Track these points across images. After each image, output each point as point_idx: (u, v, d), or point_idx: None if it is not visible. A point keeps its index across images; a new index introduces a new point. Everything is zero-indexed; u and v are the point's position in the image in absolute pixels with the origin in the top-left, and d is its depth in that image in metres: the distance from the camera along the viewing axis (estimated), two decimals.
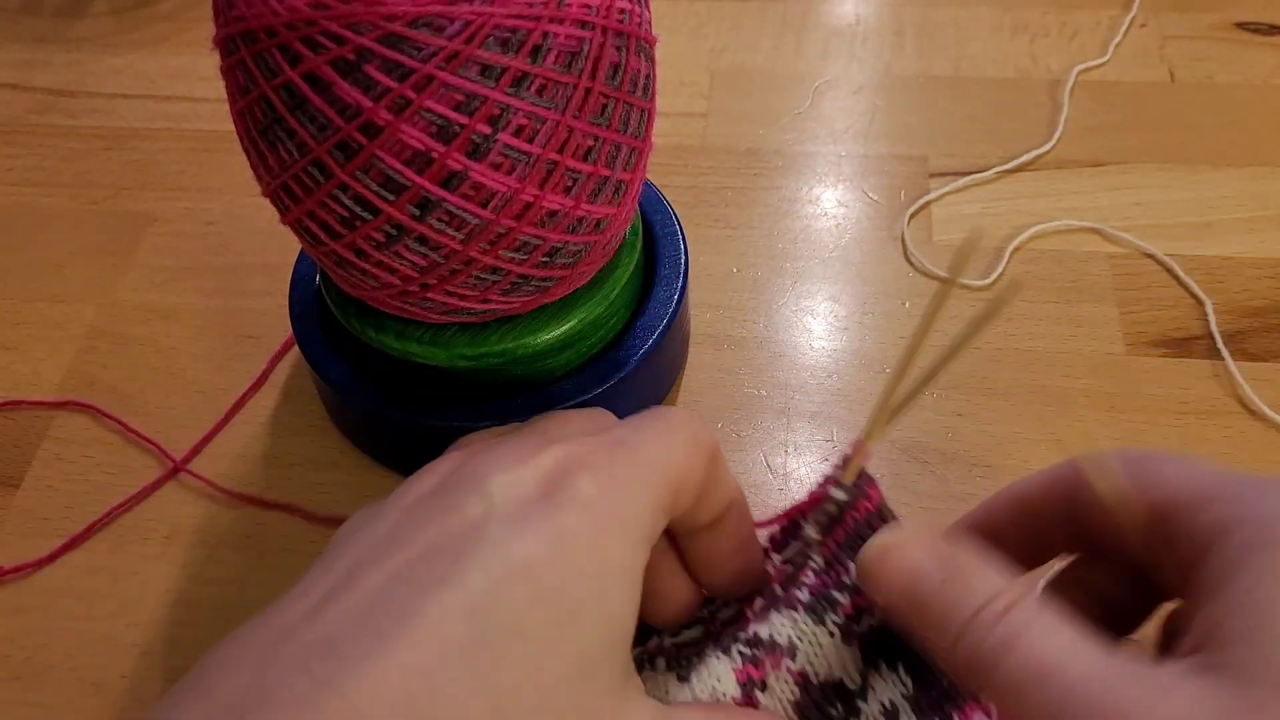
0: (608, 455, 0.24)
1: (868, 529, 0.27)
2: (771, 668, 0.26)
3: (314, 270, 0.45)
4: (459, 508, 0.23)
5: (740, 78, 0.62)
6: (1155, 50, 0.61)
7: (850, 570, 0.27)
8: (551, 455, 0.24)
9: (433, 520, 0.23)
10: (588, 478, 0.23)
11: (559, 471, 0.23)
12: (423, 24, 0.29)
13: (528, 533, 0.22)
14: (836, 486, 0.27)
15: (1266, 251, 0.51)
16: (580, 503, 0.22)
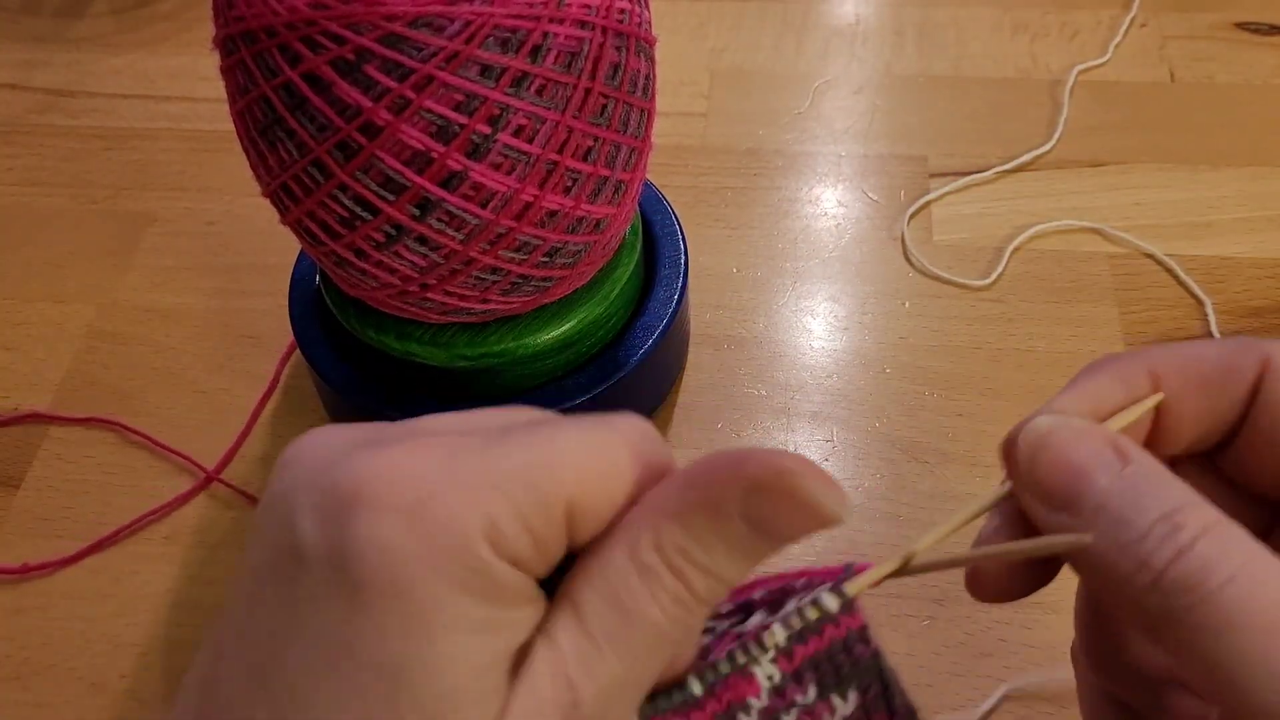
0: (438, 461, 0.18)
1: (843, 653, 0.23)
2: None
3: (314, 270, 0.45)
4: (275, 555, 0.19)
5: (740, 78, 0.62)
6: (1155, 50, 0.61)
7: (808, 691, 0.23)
8: (351, 478, 0.18)
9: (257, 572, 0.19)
10: (379, 513, 0.18)
11: (352, 502, 0.18)
12: (423, 24, 0.29)
13: (327, 610, 0.18)
14: (830, 592, 0.23)
15: (1266, 251, 0.51)
16: (378, 557, 0.17)
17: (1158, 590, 0.19)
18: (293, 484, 0.19)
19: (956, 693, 0.38)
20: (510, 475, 0.18)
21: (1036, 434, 0.21)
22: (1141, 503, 0.19)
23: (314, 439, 0.20)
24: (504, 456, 0.19)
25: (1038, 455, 0.21)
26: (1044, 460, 0.21)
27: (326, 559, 0.18)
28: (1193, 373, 0.22)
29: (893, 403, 0.46)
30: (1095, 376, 0.23)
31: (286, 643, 0.18)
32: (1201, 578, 0.18)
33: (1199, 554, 0.18)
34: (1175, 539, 0.19)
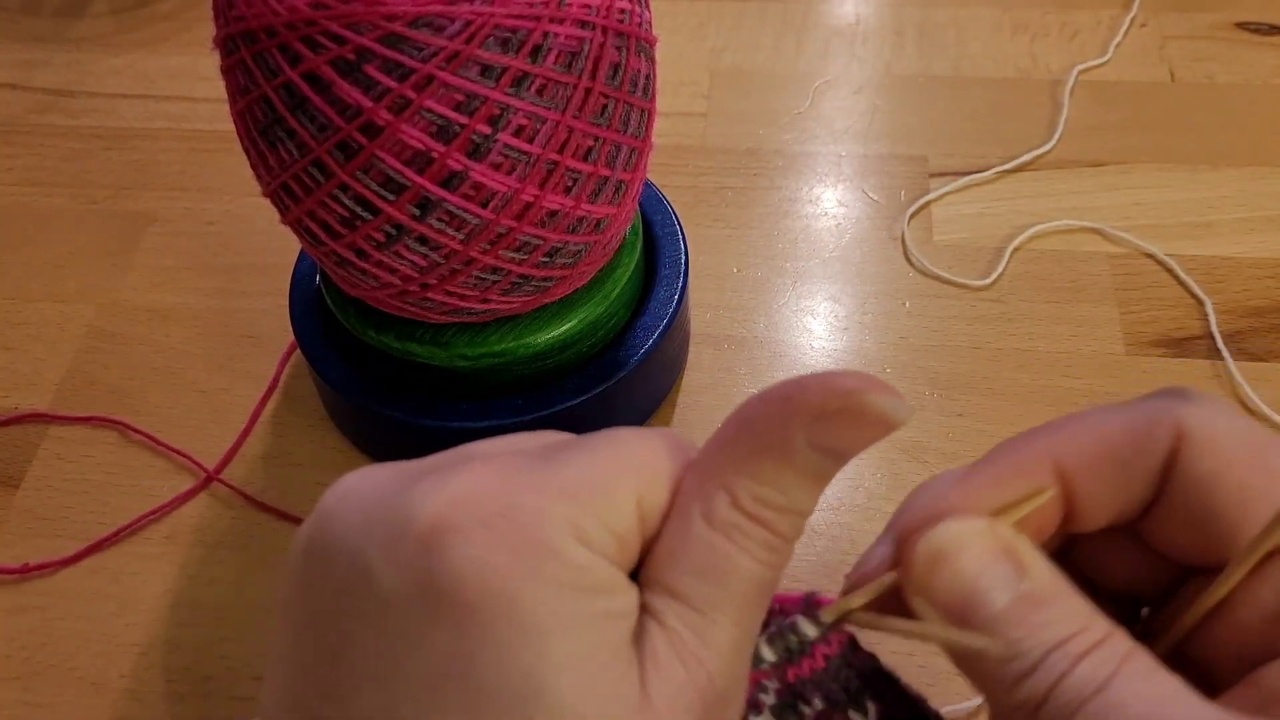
0: (503, 479, 0.19)
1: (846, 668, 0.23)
2: None
3: (314, 270, 0.45)
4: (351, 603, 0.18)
5: (740, 78, 0.62)
6: (1155, 50, 0.61)
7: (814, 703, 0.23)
8: (426, 508, 0.18)
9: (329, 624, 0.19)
10: (466, 533, 0.18)
11: (433, 531, 0.18)
12: (423, 24, 0.29)
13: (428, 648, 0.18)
14: (808, 620, 0.23)
15: (1266, 251, 0.51)
16: (478, 583, 0.17)
17: (1039, 713, 0.19)
18: (349, 529, 0.19)
19: (957, 692, 0.38)
20: (582, 483, 0.19)
21: (933, 548, 0.21)
22: (1035, 635, 0.19)
23: (357, 482, 0.20)
24: (568, 468, 0.19)
25: (932, 572, 0.20)
26: (940, 579, 0.20)
27: (417, 595, 0.17)
28: (1100, 454, 0.21)
29: None
30: (993, 468, 0.22)
31: (393, 691, 0.18)
32: (1074, 697, 0.18)
33: (1077, 674, 0.18)
34: (1059, 666, 0.19)
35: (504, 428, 0.40)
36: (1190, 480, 0.21)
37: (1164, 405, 0.21)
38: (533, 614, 0.17)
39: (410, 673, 0.18)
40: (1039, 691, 0.19)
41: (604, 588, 0.18)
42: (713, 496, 0.19)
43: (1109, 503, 0.22)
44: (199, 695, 0.40)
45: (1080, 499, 0.21)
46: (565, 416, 0.40)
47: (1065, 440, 0.21)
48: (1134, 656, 0.19)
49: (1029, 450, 0.21)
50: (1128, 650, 0.19)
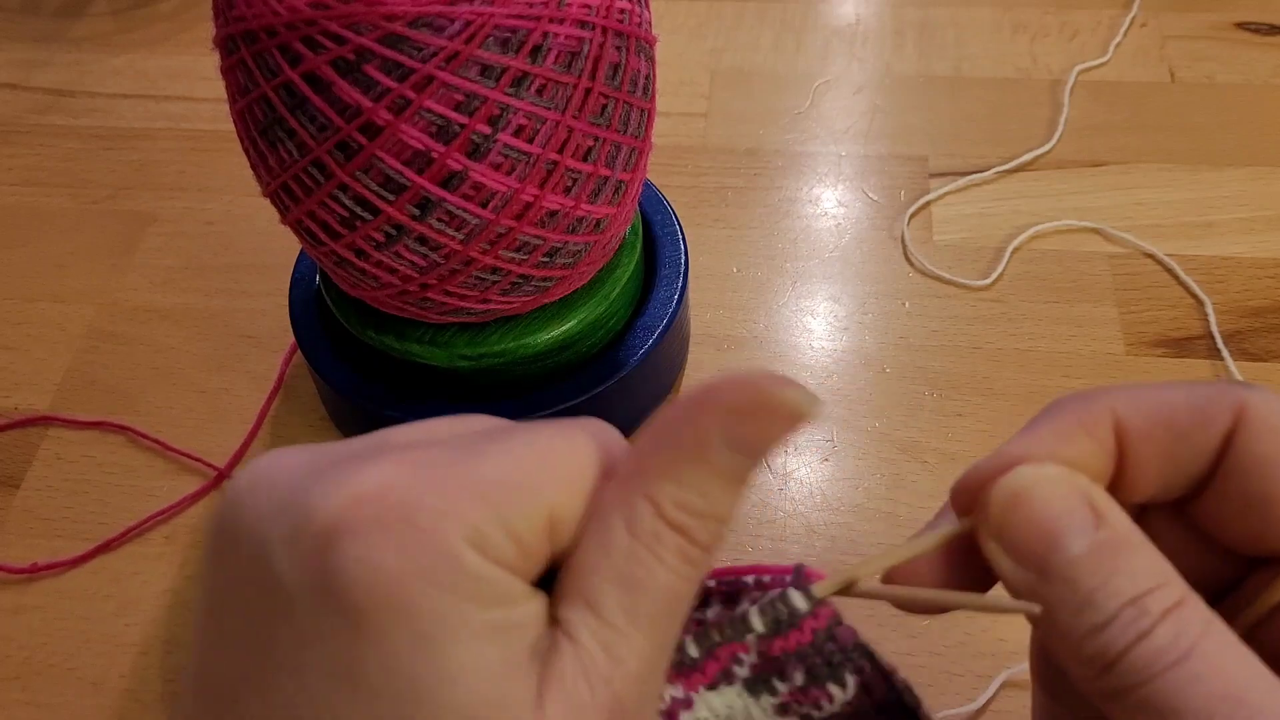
0: (411, 475, 0.18)
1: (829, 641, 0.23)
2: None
3: (314, 270, 0.45)
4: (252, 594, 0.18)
5: (740, 78, 0.62)
6: (1155, 50, 0.61)
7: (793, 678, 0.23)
8: (327, 505, 0.17)
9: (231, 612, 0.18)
10: (361, 535, 0.17)
11: (331, 530, 0.17)
12: (423, 24, 0.29)
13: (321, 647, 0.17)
14: (799, 592, 0.23)
15: (1266, 251, 0.51)
16: (367, 582, 0.17)
17: (1111, 671, 0.18)
18: (256, 518, 0.18)
19: (957, 692, 0.38)
20: (491, 485, 0.18)
21: (1012, 488, 0.20)
22: (1110, 583, 0.19)
23: (268, 466, 0.19)
24: (481, 467, 0.18)
25: (1010, 511, 0.20)
26: (1017, 518, 0.20)
27: (314, 593, 0.17)
28: (1160, 420, 0.21)
29: (893, 403, 0.46)
30: (1057, 418, 0.21)
31: (284, 690, 0.17)
32: (1152, 661, 0.18)
33: (1155, 638, 0.18)
34: (1137, 625, 0.18)
35: None
36: (1248, 461, 0.20)
37: (1227, 387, 0.21)
38: (422, 621, 0.17)
39: (305, 667, 0.17)
40: (1114, 649, 0.18)
41: (501, 598, 0.18)
42: (636, 505, 0.19)
43: (1160, 472, 0.21)
44: None
45: (1133, 463, 0.21)
46: (565, 416, 0.40)
47: (1128, 400, 0.21)
48: (1214, 626, 0.18)
49: (1093, 405, 0.21)
50: (1208, 617, 0.18)
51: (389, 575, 0.17)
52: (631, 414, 0.45)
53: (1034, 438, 0.21)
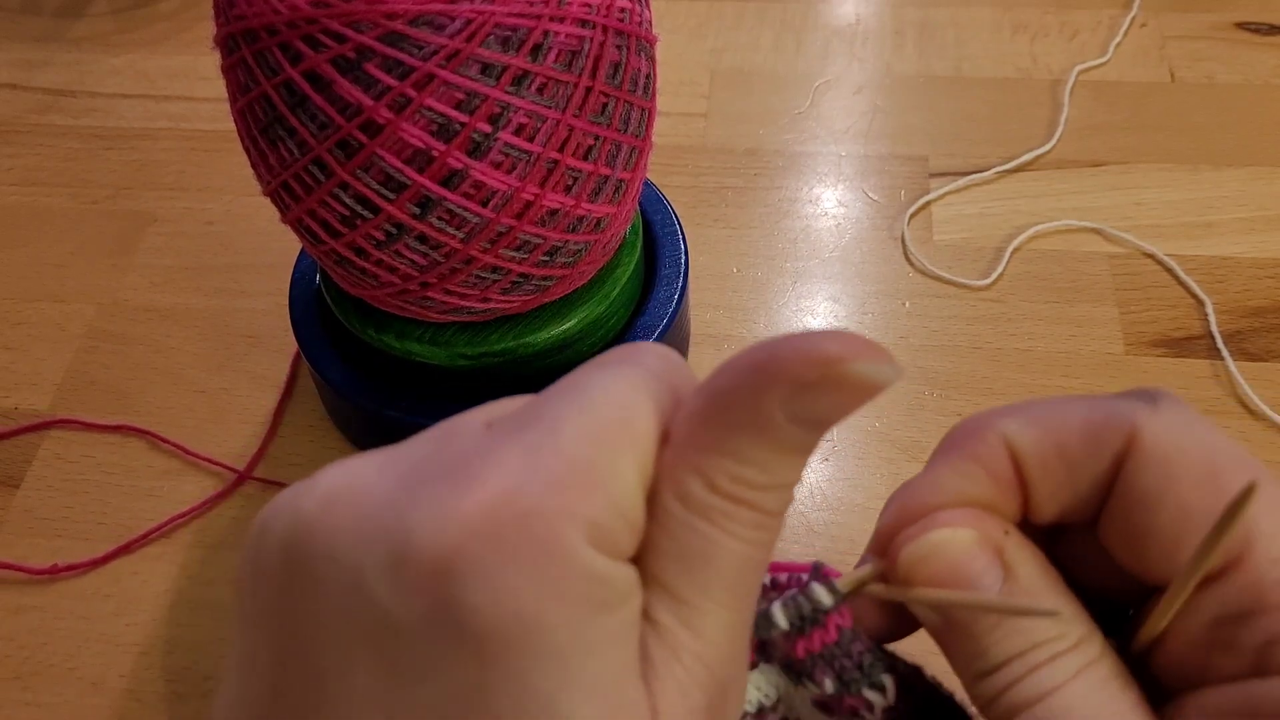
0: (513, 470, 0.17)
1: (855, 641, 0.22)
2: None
3: (314, 270, 0.45)
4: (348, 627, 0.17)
5: (740, 78, 0.62)
6: (1155, 50, 0.61)
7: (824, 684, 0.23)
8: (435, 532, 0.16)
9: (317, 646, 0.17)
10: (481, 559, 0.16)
11: (446, 557, 0.16)
12: (423, 22, 0.29)
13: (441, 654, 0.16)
14: (823, 586, 0.22)
15: (1266, 251, 0.51)
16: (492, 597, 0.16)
17: (990, 708, 0.20)
18: (345, 544, 0.17)
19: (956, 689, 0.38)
20: (591, 464, 0.17)
21: (920, 551, 0.21)
22: (1004, 640, 0.20)
23: (344, 487, 0.18)
24: (571, 444, 0.17)
25: (920, 566, 0.21)
26: (925, 573, 0.20)
27: (428, 623, 0.16)
28: (1052, 446, 0.21)
29: (893, 403, 0.46)
30: (954, 458, 0.21)
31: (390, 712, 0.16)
32: (1020, 703, 0.19)
33: (1025, 685, 0.19)
34: (1014, 673, 0.19)
35: None
36: (1133, 494, 0.20)
37: (1124, 408, 0.20)
38: (553, 639, 0.16)
39: (417, 703, 0.16)
40: (993, 690, 0.20)
41: (623, 597, 0.17)
42: (685, 479, 0.17)
43: (1057, 499, 0.21)
44: (199, 695, 0.40)
45: (1032, 490, 0.21)
46: None
47: (1020, 426, 0.21)
48: (1094, 668, 0.19)
49: (987, 436, 0.21)
50: (1090, 660, 0.19)
51: (516, 596, 0.16)
52: None
53: (939, 479, 0.21)
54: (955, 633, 0.20)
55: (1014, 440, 0.21)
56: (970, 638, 0.20)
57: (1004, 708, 0.19)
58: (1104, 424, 0.20)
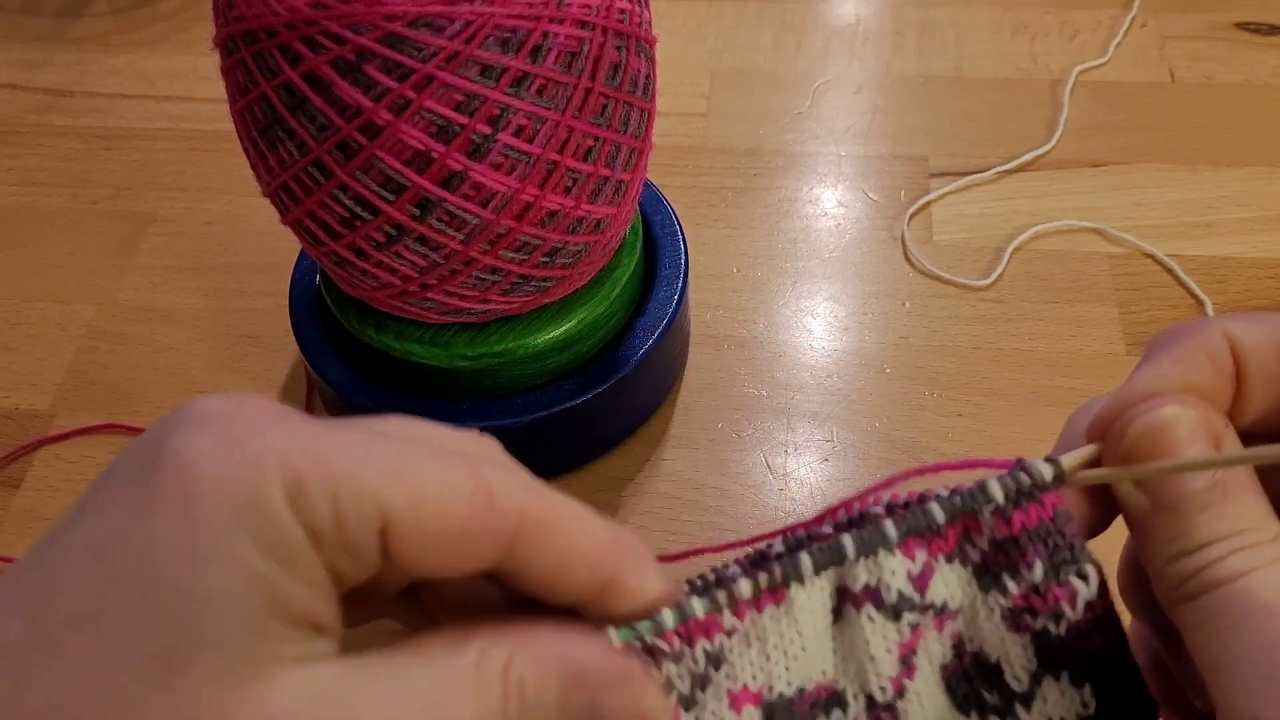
0: (282, 421, 0.19)
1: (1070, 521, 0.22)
2: (935, 629, 0.23)
3: (314, 270, 0.45)
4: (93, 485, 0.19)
5: (740, 78, 0.62)
6: (1155, 50, 0.61)
7: (1033, 567, 0.22)
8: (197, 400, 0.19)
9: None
10: (197, 433, 0.18)
11: (179, 417, 0.18)
12: (423, 24, 0.29)
13: (115, 503, 0.18)
14: (1050, 462, 0.22)
15: (1266, 251, 0.51)
16: (177, 461, 0.18)
17: (1182, 586, 0.21)
18: None
19: None
20: (340, 454, 0.18)
21: (1151, 424, 0.22)
22: (1208, 521, 0.21)
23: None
24: (345, 442, 0.19)
25: (1142, 444, 0.22)
26: (1150, 446, 0.22)
27: (136, 464, 0.18)
28: (1270, 345, 0.22)
29: (893, 403, 0.46)
30: (1181, 347, 0.23)
31: (68, 527, 0.18)
32: (1215, 580, 0.20)
33: (1225, 565, 0.21)
34: (1215, 553, 0.21)
35: (504, 428, 0.40)
36: None
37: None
38: (198, 534, 0.17)
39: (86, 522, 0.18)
40: (1192, 568, 0.21)
41: (288, 559, 0.18)
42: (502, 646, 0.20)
43: (1267, 396, 0.22)
44: None
45: (1246, 384, 0.22)
46: (565, 416, 0.40)
47: (1243, 327, 0.22)
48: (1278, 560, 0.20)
49: (1212, 332, 0.22)
50: (1276, 553, 0.21)
51: (191, 475, 0.17)
52: (631, 414, 0.45)
53: (1162, 369, 0.23)
54: (1162, 513, 0.21)
55: (1237, 336, 0.22)
56: (1178, 517, 0.21)
57: (1200, 583, 0.21)
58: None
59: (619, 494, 0.44)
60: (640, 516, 0.43)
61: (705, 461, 0.45)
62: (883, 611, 0.22)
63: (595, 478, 0.44)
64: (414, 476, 0.19)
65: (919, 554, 0.22)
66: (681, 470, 0.44)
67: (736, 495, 0.43)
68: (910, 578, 0.22)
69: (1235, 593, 0.20)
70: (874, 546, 0.22)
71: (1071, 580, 0.22)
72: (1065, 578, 0.22)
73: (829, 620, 0.22)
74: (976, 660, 0.23)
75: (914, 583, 0.22)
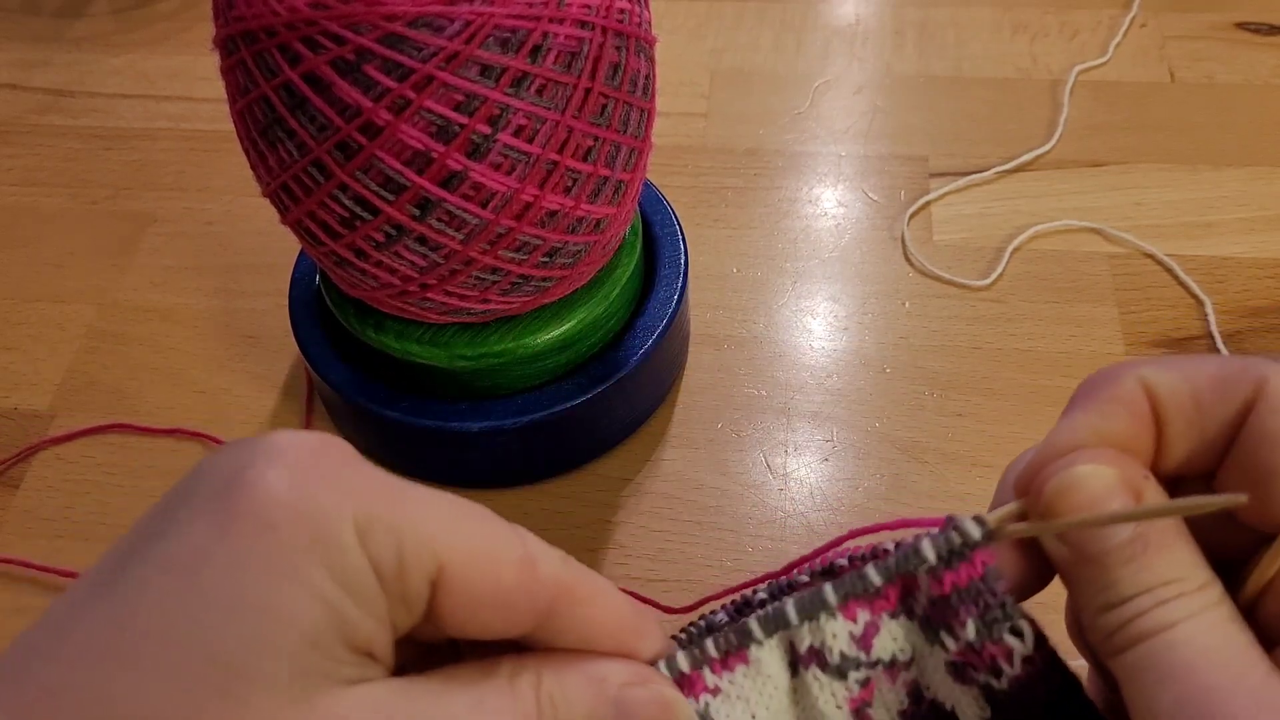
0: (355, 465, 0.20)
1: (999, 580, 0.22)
2: (889, 681, 0.24)
3: (314, 270, 0.45)
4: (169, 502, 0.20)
5: (740, 78, 0.62)
6: (1155, 50, 0.61)
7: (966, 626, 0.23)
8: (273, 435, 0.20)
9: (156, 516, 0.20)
10: (278, 464, 0.19)
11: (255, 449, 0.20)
12: (423, 24, 0.29)
13: (195, 522, 0.19)
14: (977, 520, 0.23)
15: (1266, 251, 0.51)
16: (258, 489, 0.19)
17: (1111, 639, 0.21)
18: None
19: None
20: (405, 500, 0.20)
21: (1066, 482, 0.22)
22: (1134, 575, 0.21)
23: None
24: (410, 491, 0.20)
25: (1061, 498, 0.22)
26: (1069, 503, 0.22)
27: (217, 488, 0.19)
28: (1188, 391, 0.22)
29: (893, 403, 0.46)
30: (1097, 398, 0.23)
31: (148, 542, 0.19)
32: (1142, 634, 0.21)
33: (1150, 617, 0.21)
34: (1141, 605, 0.21)
35: (503, 428, 0.40)
36: (1259, 435, 0.21)
37: (1254, 362, 0.22)
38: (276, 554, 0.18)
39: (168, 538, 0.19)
40: (1120, 620, 0.21)
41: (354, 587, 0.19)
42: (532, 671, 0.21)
43: (1187, 441, 0.22)
44: None
45: (1166, 431, 0.22)
46: (565, 416, 0.40)
47: (1158, 373, 0.23)
48: (1216, 609, 0.21)
49: (1127, 380, 0.23)
50: (1213, 602, 0.21)
51: (273, 500, 0.19)
52: (631, 414, 0.45)
53: (1080, 421, 0.23)
54: (1087, 565, 0.21)
55: (1152, 382, 0.22)
56: (1103, 570, 0.21)
57: (1127, 637, 0.21)
58: (1236, 373, 0.22)
59: (619, 494, 0.44)
60: (640, 516, 0.43)
61: (705, 461, 0.45)
62: (828, 672, 0.23)
63: (595, 478, 0.44)
64: (470, 534, 0.20)
65: (861, 615, 0.23)
66: (681, 470, 0.44)
67: (736, 495, 0.43)
68: (853, 638, 0.23)
69: (1161, 646, 0.20)
70: (815, 611, 0.23)
71: (1006, 638, 0.22)
72: (999, 635, 0.22)
73: (788, 677, 0.23)
74: (934, 706, 0.24)
75: (858, 643, 0.23)
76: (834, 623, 0.23)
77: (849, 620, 0.23)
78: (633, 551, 0.42)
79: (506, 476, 0.43)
